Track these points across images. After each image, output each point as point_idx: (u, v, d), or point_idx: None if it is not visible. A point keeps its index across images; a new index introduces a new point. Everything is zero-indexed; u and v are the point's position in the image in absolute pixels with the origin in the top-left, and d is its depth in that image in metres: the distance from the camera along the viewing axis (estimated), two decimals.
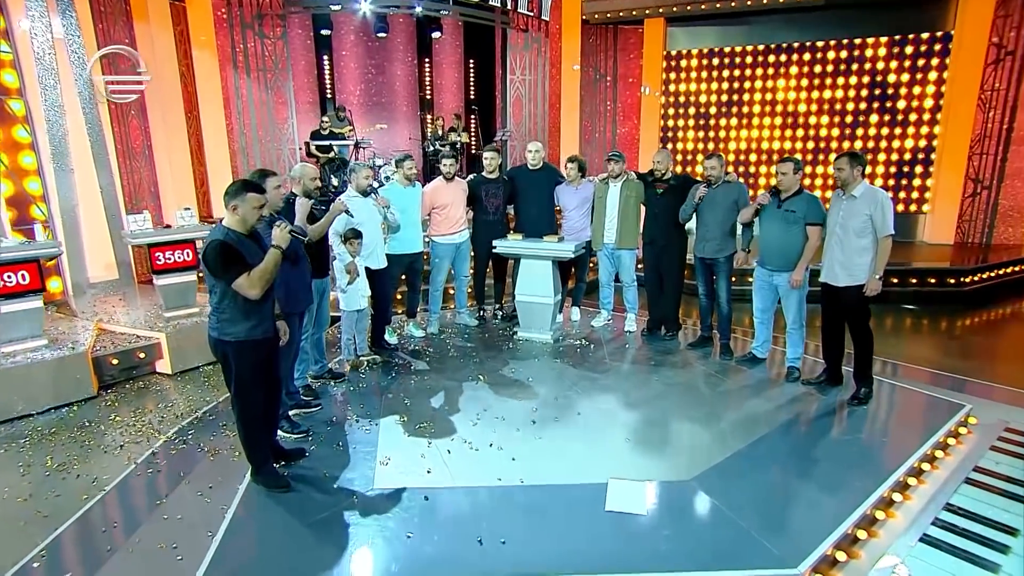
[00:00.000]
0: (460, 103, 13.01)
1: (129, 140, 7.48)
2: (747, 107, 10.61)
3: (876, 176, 9.83)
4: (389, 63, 12.36)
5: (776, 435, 3.74)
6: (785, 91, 10.32)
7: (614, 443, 3.64)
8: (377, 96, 12.37)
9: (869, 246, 4.01)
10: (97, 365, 4.85)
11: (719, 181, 4.92)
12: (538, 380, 4.65)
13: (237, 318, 2.95)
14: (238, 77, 8.58)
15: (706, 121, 10.86)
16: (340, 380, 4.69)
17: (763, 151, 10.55)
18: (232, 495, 3.13)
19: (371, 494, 3.13)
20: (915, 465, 3.42)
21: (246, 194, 2.90)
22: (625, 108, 10.91)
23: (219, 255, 2.82)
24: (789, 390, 4.43)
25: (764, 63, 10.37)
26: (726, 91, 10.66)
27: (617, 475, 3.24)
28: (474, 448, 3.58)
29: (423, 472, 3.32)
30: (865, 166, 4.10)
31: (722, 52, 10.57)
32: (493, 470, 3.32)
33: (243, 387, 3.05)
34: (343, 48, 11.92)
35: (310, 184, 4.09)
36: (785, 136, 10.43)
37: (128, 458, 3.67)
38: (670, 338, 5.58)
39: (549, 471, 3.33)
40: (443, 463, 3.41)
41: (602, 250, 5.71)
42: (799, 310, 4.55)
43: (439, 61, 12.73)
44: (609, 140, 11.04)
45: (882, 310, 7.30)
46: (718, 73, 10.66)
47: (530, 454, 3.51)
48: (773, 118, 10.46)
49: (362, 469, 3.37)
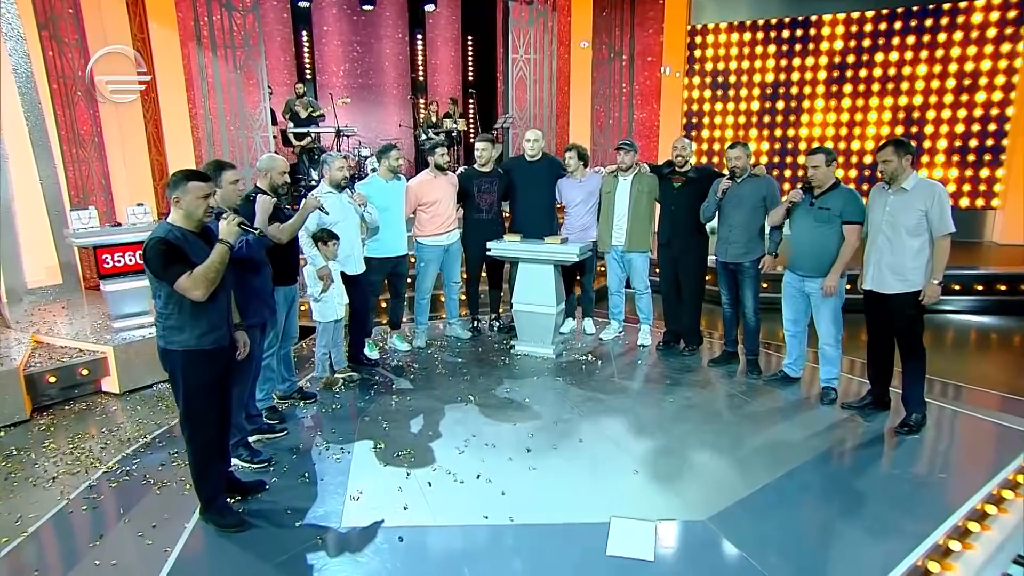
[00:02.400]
0: (457, 86, 13.06)
1: (75, 125, 7.49)
2: (795, 88, 10.48)
3: (934, 166, 9.73)
4: (377, 40, 12.43)
5: (809, 468, 3.67)
6: (828, 69, 10.24)
7: (620, 475, 3.59)
8: (363, 77, 12.44)
9: (924, 247, 3.96)
10: (31, 384, 4.83)
11: (744, 174, 4.88)
12: (536, 401, 4.60)
13: (184, 324, 2.93)
14: (203, 55, 8.59)
15: (737, 105, 10.81)
16: (311, 401, 4.66)
17: (814, 139, 10.43)
18: (177, 535, 3.09)
19: (338, 534, 3.08)
20: (978, 507, 3.31)
21: (187, 184, 2.89)
22: (643, 91, 10.88)
23: (159, 253, 2.81)
24: (826, 415, 4.37)
25: (805, 37, 10.30)
26: (760, 70, 10.61)
27: (621, 513, 3.18)
28: (459, 480, 3.54)
29: (399, 508, 3.28)
30: (914, 154, 4.05)
31: (756, 25, 10.53)
32: (479, 506, 3.28)
33: (192, 405, 3.02)
34: (324, 22, 11.99)
35: (278, 179, 4.08)
36: (841, 121, 10.26)
37: (61, 492, 3.63)
38: (689, 353, 5.53)
39: (543, 508, 3.28)
40: (422, 498, 3.37)
41: (611, 253, 5.68)
42: (833, 322, 4.49)
43: (433, 38, 12.79)
44: (625, 127, 11.01)
45: (941, 322, 7.22)
46: (750, 50, 10.62)
47: (522, 488, 3.46)
48: (823, 100, 10.31)
49: (330, 504, 3.33)
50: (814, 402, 4.57)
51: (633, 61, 10.80)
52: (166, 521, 3.25)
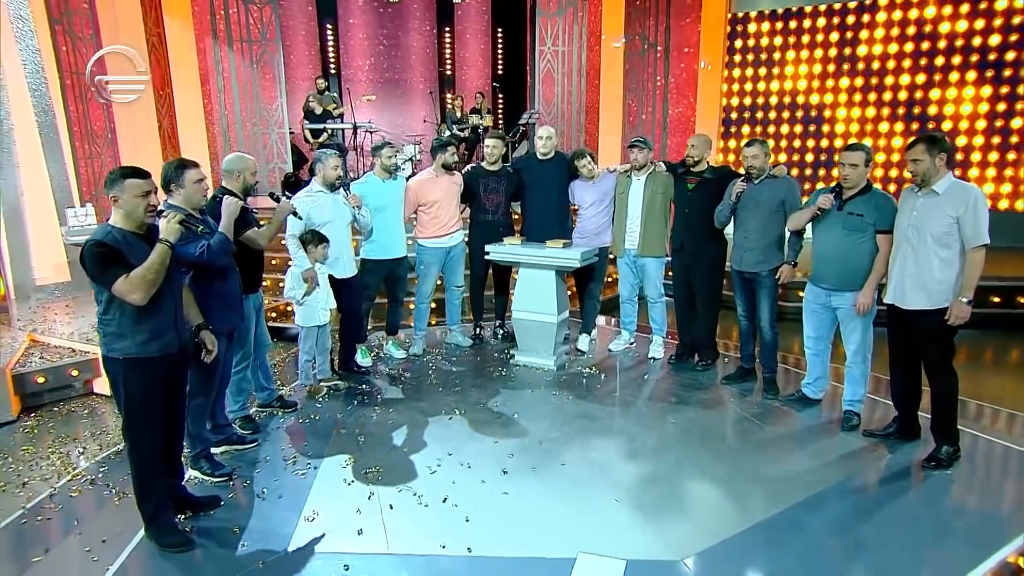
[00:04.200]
0: (487, 80, 12.95)
1: (88, 121, 7.67)
2: (847, 79, 9.96)
3: (969, 164, 9.06)
4: (404, 33, 12.42)
5: (813, 504, 3.38)
6: (898, 58, 9.66)
7: (598, 505, 3.37)
8: (389, 72, 12.44)
9: (953, 259, 3.61)
10: (19, 384, 4.90)
11: (763, 175, 4.59)
12: (526, 417, 4.43)
13: (125, 330, 2.87)
14: (219, 50, 8.71)
15: (781, 99, 10.37)
16: (291, 410, 4.59)
17: (872, 135, 9.90)
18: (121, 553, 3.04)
19: (281, 559, 2.97)
20: (1013, 561, 2.96)
21: (124, 182, 2.82)
22: (679, 84, 10.56)
23: (94, 257, 2.75)
24: (844, 443, 4.06)
25: (858, 24, 9.77)
26: (807, 60, 10.14)
27: (592, 548, 2.98)
28: (423, 503, 3.39)
29: (353, 532, 3.15)
30: (950, 153, 3.69)
31: (802, 12, 10.08)
32: (439, 533, 3.12)
33: (134, 416, 2.95)
34: (350, 15, 12.04)
35: (251, 179, 4.01)
36: (896, 115, 9.65)
37: (28, 498, 3.64)
38: (703, 368, 5.26)
39: (508, 538, 3.10)
40: (380, 522, 3.24)
41: (623, 258, 5.45)
42: (863, 340, 4.17)
43: (462, 31, 12.71)
44: (659, 122, 10.71)
45: (980, 338, 6.67)
46: (796, 39, 10.16)
47: (489, 514, 3.29)
48: (880, 93, 9.75)
49: (282, 525, 3.23)
50: (834, 428, 4.26)
51: (668, 53, 10.49)
52: (118, 536, 3.19)
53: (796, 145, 10.32)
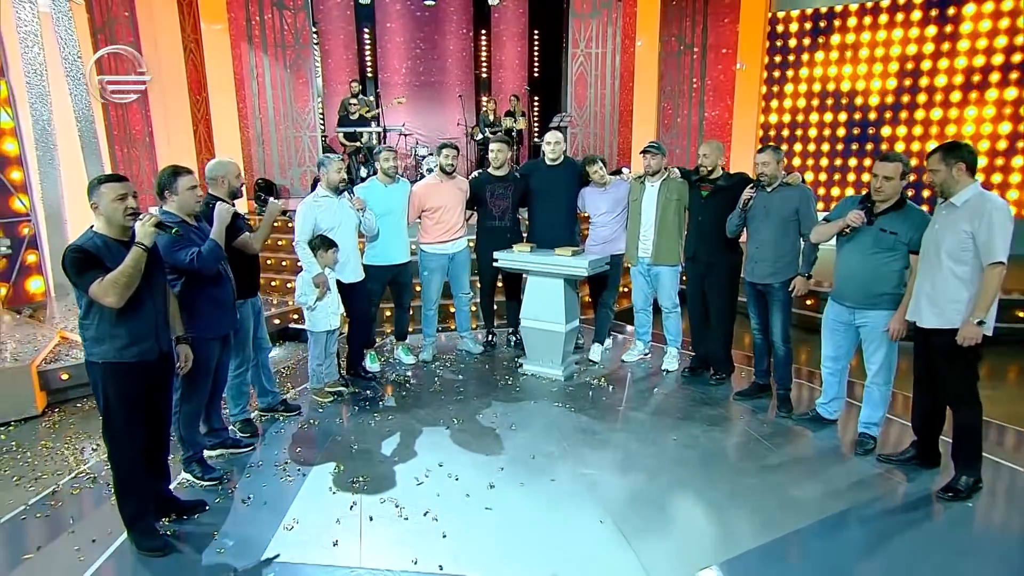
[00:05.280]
0: (523, 83, 12.88)
1: (128, 125, 7.93)
2: (894, 80, 9.49)
3: None
4: (440, 36, 12.45)
5: (809, 535, 3.19)
6: (969, 53, 9.22)
7: (582, 525, 3.26)
8: (425, 75, 12.50)
9: (969, 276, 3.35)
10: (44, 380, 5.07)
11: (775, 182, 4.39)
12: (524, 428, 4.34)
13: (104, 335, 2.92)
14: (253, 54, 8.89)
15: (820, 101, 9.98)
16: (293, 414, 4.61)
17: (921, 139, 9.41)
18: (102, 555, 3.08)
19: (252, 568, 2.96)
20: None
21: (100, 187, 2.87)
22: (716, 86, 10.27)
23: (73, 261, 2.81)
24: (856, 468, 3.83)
25: (907, 21, 9.31)
26: (851, 60, 9.73)
27: (565, 571, 2.88)
28: (403, 516, 3.34)
29: (328, 544, 3.12)
30: (972, 162, 3.41)
31: (847, 12, 9.67)
32: (413, 548, 3.07)
33: (114, 420, 2.99)
34: (388, 19, 12.14)
35: (235, 182, 4.04)
36: (948, 119, 9.12)
37: (37, 493, 3.74)
38: (716, 383, 5.08)
39: (483, 556, 3.02)
40: (357, 533, 3.20)
41: (636, 266, 5.31)
42: (887, 360, 3.92)
43: (499, 33, 12.68)
44: (695, 125, 10.44)
45: (1006, 355, 6.18)
46: (841, 39, 9.76)
47: (468, 530, 3.22)
48: (932, 94, 9.27)
49: (260, 532, 3.22)
50: (847, 451, 4.03)
51: (705, 54, 10.22)
52: (108, 536, 3.24)
53: (839, 149, 9.91)
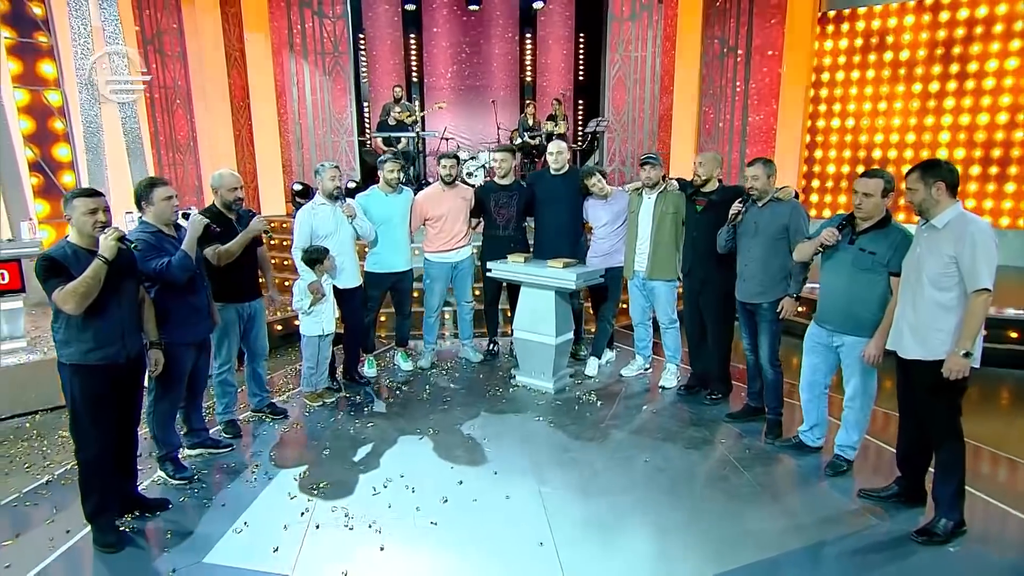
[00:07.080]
0: (568, 86, 12.76)
1: (173, 131, 8.33)
2: (955, 82, 8.94)
3: None
4: (485, 40, 12.50)
5: (760, 571, 3.03)
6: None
7: (522, 546, 3.20)
8: (470, 79, 12.56)
9: (952, 304, 3.10)
10: None
11: (766, 197, 4.18)
12: (496, 443, 4.30)
13: (70, 338, 3.09)
14: (294, 62, 9.18)
15: (872, 105, 9.44)
16: (278, 417, 4.73)
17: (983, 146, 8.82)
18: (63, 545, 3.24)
19: (192, 570, 3.06)
20: None
21: (73, 201, 3.05)
22: (761, 90, 9.86)
23: (41, 269, 2.99)
24: (831, 501, 3.60)
25: (972, 19, 8.72)
26: (907, 62, 9.16)
27: None
28: (348, 526, 3.37)
29: (269, 550, 3.18)
30: (953, 181, 3.15)
31: (904, 9, 9.11)
32: (348, 560, 3.09)
33: (79, 419, 3.15)
34: (434, 24, 12.28)
35: (228, 195, 4.17)
36: (1015, 122, 8.48)
37: (41, 481, 3.98)
38: (711, 402, 4.89)
39: (412, 573, 3.02)
40: (299, 541, 3.25)
41: (633, 280, 5.19)
42: (863, 385, 3.74)
43: (544, 36, 12.61)
44: (737, 130, 10.07)
45: (996, 378, 5.72)
46: (895, 38, 9.20)
47: (405, 546, 3.21)
48: (997, 96, 8.64)
49: (209, 534, 3.31)
50: (823, 483, 3.80)
51: (750, 56, 9.83)
52: (82, 528, 3.41)
53: (892, 156, 9.36)
